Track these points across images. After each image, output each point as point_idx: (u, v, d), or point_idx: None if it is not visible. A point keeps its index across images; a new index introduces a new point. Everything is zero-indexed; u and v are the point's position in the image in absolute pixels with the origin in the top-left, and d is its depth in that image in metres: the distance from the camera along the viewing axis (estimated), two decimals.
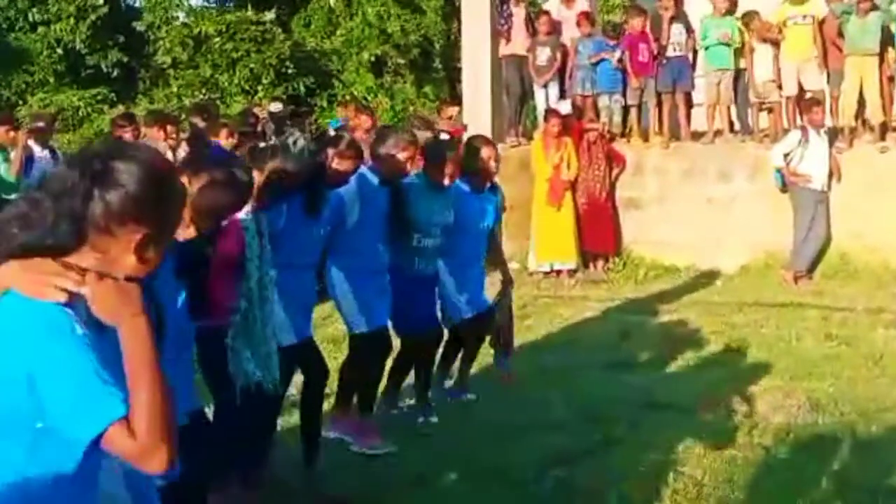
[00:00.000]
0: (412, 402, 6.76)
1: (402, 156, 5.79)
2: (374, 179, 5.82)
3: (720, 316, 9.77)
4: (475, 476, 5.64)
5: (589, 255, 12.28)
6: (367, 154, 5.86)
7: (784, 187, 11.55)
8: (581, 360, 8.13)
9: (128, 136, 9.61)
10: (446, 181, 6.18)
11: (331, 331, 8.00)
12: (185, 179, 3.26)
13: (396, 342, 6.38)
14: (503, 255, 7.40)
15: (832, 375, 7.59)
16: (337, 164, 5.40)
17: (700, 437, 6.12)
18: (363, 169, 5.77)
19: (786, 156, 11.33)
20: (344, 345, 6.63)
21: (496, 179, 7.01)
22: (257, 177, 4.55)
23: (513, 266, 12.53)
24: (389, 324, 6.15)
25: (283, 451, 5.65)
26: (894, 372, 7.71)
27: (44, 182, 2.18)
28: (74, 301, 2.09)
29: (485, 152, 6.63)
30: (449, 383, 7.19)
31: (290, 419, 5.96)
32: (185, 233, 3.56)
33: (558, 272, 11.91)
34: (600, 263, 12.27)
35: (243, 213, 4.50)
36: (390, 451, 5.97)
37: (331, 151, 5.38)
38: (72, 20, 20.74)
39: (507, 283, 7.08)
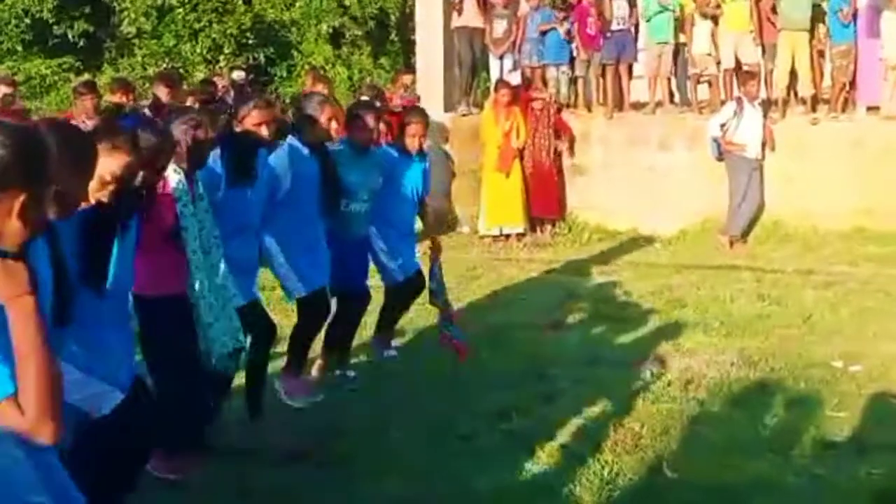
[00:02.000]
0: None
1: (321, 118, 5.58)
2: (304, 149, 5.60)
3: (659, 277, 9.79)
4: (424, 429, 5.58)
5: (536, 219, 12.23)
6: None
7: (720, 156, 11.54)
8: (525, 318, 8.09)
9: (88, 102, 9.37)
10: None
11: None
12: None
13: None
14: (433, 223, 7.19)
15: (764, 333, 7.62)
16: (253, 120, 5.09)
17: (638, 391, 6.12)
18: (291, 139, 5.60)
19: (722, 126, 11.33)
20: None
21: (426, 147, 6.73)
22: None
23: (464, 230, 12.52)
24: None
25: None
26: (822, 330, 7.76)
27: None
28: None
29: (409, 121, 6.51)
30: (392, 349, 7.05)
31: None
32: (98, 195, 3.30)
33: (507, 236, 11.86)
34: (547, 228, 12.24)
35: (174, 182, 4.28)
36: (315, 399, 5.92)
37: (242, 111, 5.08)
38: None
39: (437, 250, 6.79)
